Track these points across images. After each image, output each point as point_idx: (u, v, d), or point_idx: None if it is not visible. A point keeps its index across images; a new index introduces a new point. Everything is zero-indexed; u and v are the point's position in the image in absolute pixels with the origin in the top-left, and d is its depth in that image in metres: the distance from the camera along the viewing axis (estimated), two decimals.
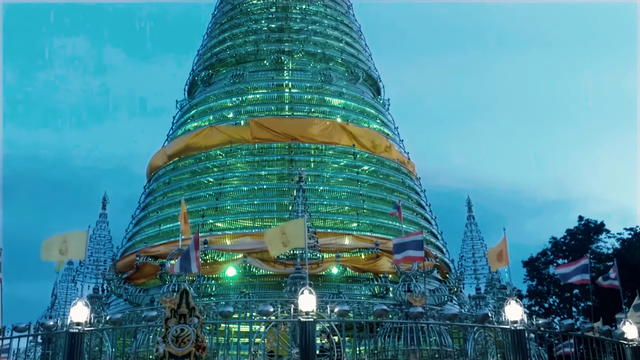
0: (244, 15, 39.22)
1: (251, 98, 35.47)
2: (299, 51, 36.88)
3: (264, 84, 35.83)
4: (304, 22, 38.25)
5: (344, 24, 40.20)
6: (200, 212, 30.69)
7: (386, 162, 34.72)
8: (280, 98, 35.21)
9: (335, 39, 38.65)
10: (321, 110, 35.03)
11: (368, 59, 40.45)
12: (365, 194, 32.00)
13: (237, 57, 37.22)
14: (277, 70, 36.20)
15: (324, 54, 37.17)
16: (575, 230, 55.74)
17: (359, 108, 36.60)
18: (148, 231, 32.33)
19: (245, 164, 33.12)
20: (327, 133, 32.98)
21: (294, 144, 32.65)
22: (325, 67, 36.56)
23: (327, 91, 35.76)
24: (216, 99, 36.11)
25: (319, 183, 32.25)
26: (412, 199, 34.74)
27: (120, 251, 32.99)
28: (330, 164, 33.64)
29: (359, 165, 33.56)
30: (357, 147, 33.40)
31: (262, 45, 36.94)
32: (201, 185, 32.80)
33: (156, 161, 36.08)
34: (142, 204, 35.26)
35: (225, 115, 35.26)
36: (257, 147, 32.97)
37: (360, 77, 37.85)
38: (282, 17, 38.41)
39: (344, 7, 41.54)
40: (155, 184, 35.16)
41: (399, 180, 34.76)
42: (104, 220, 31.71)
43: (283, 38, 37.27)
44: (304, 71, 36.39)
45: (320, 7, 39.73)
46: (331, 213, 31.46)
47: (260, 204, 31.03)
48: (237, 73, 35.84)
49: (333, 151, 33.53)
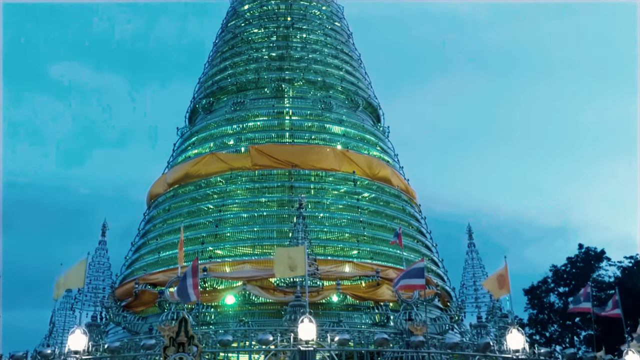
0: (245, 44, 39.70)
1: (252, 125, 35.69)
2: (299, 79, 37.23)
3: (264, 112, 36.08)
4: (305, 51, 38.70)
5: (344, 53, 40.68)
6: (200, 239, 30.60)
7: (386, 189, 34.75)
8: (281, 125, 35.42)
9: (335, 67, 39.06)
10: (321, 138, 35.22)
11: (368, 87, 40.83)
12: (366, 221, 31.95)
13: (238, 85, 37.58)
14: (277, 97, 36.49)
15: (324, 82, 37.52)
16: (576, 258, 55.43)
17: (359, 135, 36.80)
18: (147, 258, 32.19)
19: (245, 191, 33.14)
20: (327, 160, 33.10)
21: (294, 170, 32.74)
22: (326, 95, 36.87)
23: (327, 118, 36.01)
24: (217, 126, 36.33)
25: (319, 210, 32.25)
26: (413, 226, 34.68)
27: (119, 278, 32.79)
28: (331, 190, 33.68)
29: (359, 192, 33.59)
30: (357, 174, 33.47)
31: (263, 74, 37.31)
32: (201, 212, 32.77)
33: (156, 188, 36.11)
34: (142, 231, 35.18)
35: (226, 142, 35.43)
36: (257, 174, 33.05)
37: (360, 105, 38.15)
38: (282, 45, 38.88)
39: (344, 37, 42.09)
40: (155, 211, 35.12)
41: (400, 207, 34.74)
42: (103, 247, 31.59)
43: (284, 66, 37.67)
44: (304, 99, 36.69)
45: (321, 37, 40.25)
46: (331, 240, 31.36)
47: (260, 230, 30.96)
48: (238, 100, 36.13)
49: (333, 178, 33.60)
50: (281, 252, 22.97)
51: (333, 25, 41.88)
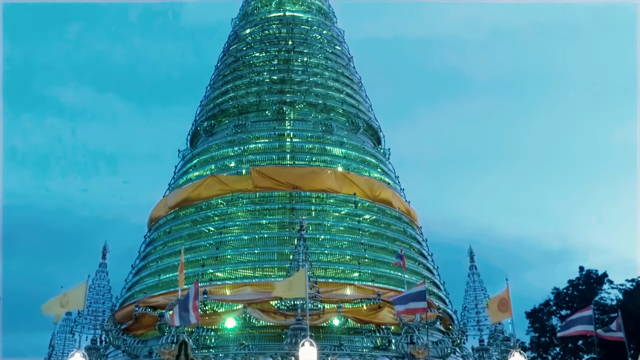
0: (247, 67, 40.07)
1: (253, 147, 35.83)
2: (300, 102, 37.49)
3: (265, 134, 36.27)
4: (306, 74, 39.03)
5: (344, 76, 41.02)
6: (200, 261, 30.51)
7: (387, 210, 34.75)
8: (282, 147, 35.57)
9: (336, 90, 39.35)
10: (322, 160, 35.33)
11: (368, 109, 41.08)
12: (367, 243, 31.90)
13: (240, 108, 37.82)
14: (278, 120, 36.71)
15: (325, 104, 37.77)
16: (577, 281, 55.13)
17: (360, 157, 36.93)
18: (147, 281, 32.06)
19: (246, 213, 33.14)
20: (328, 182, 33.15)
21: (295, 192, 32.77)
22: (326, 117, 37.10)
23: (328, 141, 36.16)
24: (218, 148, 36.48)
25: (320, 232, 32.20)
26: (414, 248, 34.60)
27: (119, 301, 32.62)
28: (332, 212, 33.67)
29: (360, 213, 33.58)
30: (358, 195, 33.51)
31: (264, 96, 37.58)
32: (202, 234, 32.74)
33: (157, 211, 36.11)
34: (142, 254, 35.10)
35: (227, 164, 35.54)
36: (258, 196, 33.08)
37: (360, 127, 38.35)
38: (284, 69, 39.23)
39: (344, 60, 42.48)
40: (155, 234, 35.09)
41: (401, 230, 34.70)
42: (103, 270, 31.46)
43: (285, 89, 37.96)
44: (305, 121, 36.90)
45: (322, 60, 40.63)
46: (332, 262, 31.29)
47: (261, 253, 30.90)
48: (239, 123, 36.34)
49: (334, 200, 33.62)
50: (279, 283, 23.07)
51: (334, 49, 42.30)
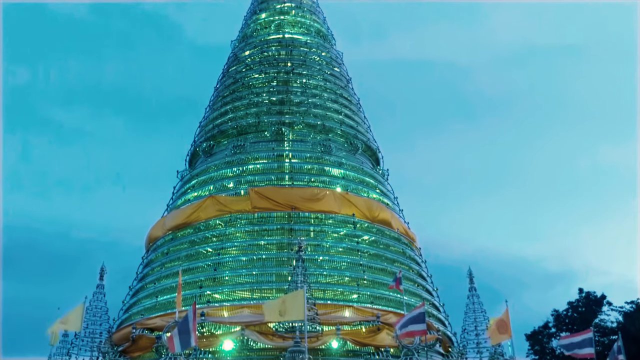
0: (246, 88, 40.30)
1: (252, 168, 35.87)
2: (299, 123, 37.65)
3: (264, 154, 36.34)
4: (304, 95, 39.24)
5: (343, 97, 41.25)
6: (198, 282, 30.33)
7: (386, 231, 34.67)
8: (281, 168, 35.62)
9: (334, 111, 39.54)
10: (321, 180, 35.36)
11: (367, 130, 41.23)
12: (366, 264, 31.76)
13: (239, 129, 37.94)
14: (277, 141, 36.81)
15: (323, 125, 37.92)
16: (577, 302, 54.84)
17: (359, 178, 36.96)
18: (145, 302, 31.82)
19: (244, 234, 33.04)
20: (327, 202, 33.11)
21: (293, 213, 32.73)
22: (325, 138, 37.21)
23: (326, 161, 36.23)
24: (217, 169, 36.52)
25: (319, 253, 32.09)
26: (413, 269, 34.45)
27: (116, 323, 32.35)
28: (330, 233, 33.57)
29: (359, 234, 33.50)
30: (357, 216, 33.45)
31: (263, 117, 37.73)
32: (200, 255, 32.59)
33: (155, 232, 35.99)
34: (140, 275, 34.90)
35: (226, 185, 35.54)
36: (256, 217, 33.02)
37: (359, 148, 38.45)
38: (283, 90, 39.45)
39: (343, 81, 42.75)
40: (153, 255, 34.93)
41: (400, 251, 34.59)
42: (100, 291, 31.29)
43: (284, 110, 38.14)
44: (304, 142, 37.01)
45: (320, 81, 40.89)
46: (331, 284, 31.10)
47: (259, 274, 30.71)
48: (238, 144, 36.43)
49: (333, 220, 33.56)
50: (269, 303, 22.90)
51: (332, 70, 42.61)
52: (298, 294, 22.33)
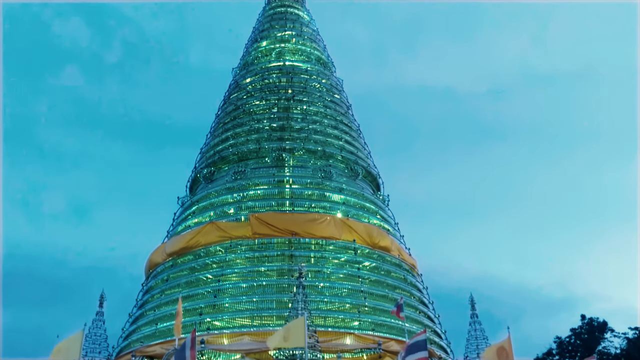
0: (247, 115, 40.55)
1: (252, 194, 35.89)
2: (299, 149, 37.79)
3: (265, 180, 36.40)
4: (305, 122, 39.47)
5: (343, 124, 41.48)
6: (198, 310, 30.11)
7: (387, 257, 34.53)
8: (281, 194, 35.65)
9: (335, 137, 39.72)
10: (321, 206, 35.36)
11: (367, 156, 41.36)
12: (367, 290, 31.56)
13: (239, 155, 38.07)
14: (278, 167, 36.91)
15: (324, 151, 38.06)
16: (580, 329, 54.30)
17: (359, 204, 36.95)
18: (144, 330, 31.54)
19: (244, 260, 32.91)
20: (327, 228, 33.04)
21: (294, 239, 32.66)
22: (326, 164, 37.31)
23: (327, 187, 36.28)
24: (217, 195, 36.54)
25: (320, 279, 31.91)
26: (415, 296, 34.21)
27: (115, 350, 32.03)
28: (331, 259, 33.44)
29: (359, 261, 33.37)
30: (357, 242, 33.37)
31: (263, 143, 37.89)
32: (200, 282, 32.42)
33: (155, 257, 35.86)
34: (140, 302, 34.65)
35: (226, 211, 35.52)
36: (257, 243, 32.94)
37: (359, 174, 38.53)
38: (283, 117, 39.69)
39: (343, 108, 43.04)
40: (153, 281, 34.74)
41: (401, 277, 34.40)
42: (100, 318, 31.08)
43: (284, 136, 38.32)
44: (304, 168, 37.10)
45: (321, 108, 41.16)
46: (332, 311, 30.87)
47: (260, 301, 30.53)
48: (239, 170, 36.52)
49: (334, 246, 33.47)
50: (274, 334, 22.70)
51: (333, 97, 42.92)
52: (299, 322, 22.10)
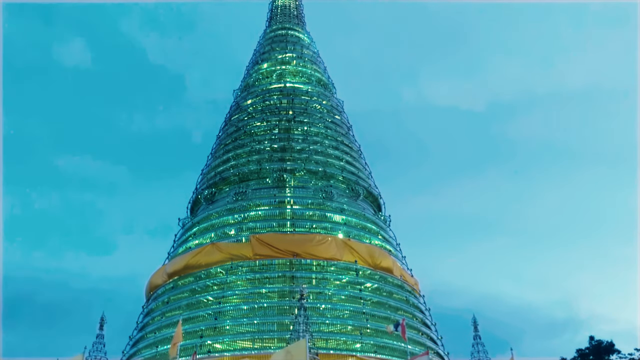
0: (248, 136, 40.70)
1: (253, 215, 35.83)
2: (300, 169, 37.83)
3: (266, 201, 36.35)
4: (306, 142, 39.57)
5: (344, 144, 41.58)
6: (199, 332, 29.87)
7: (389, 279, 34.33)
8: (282, 214, 35.57)
9: (335, 157, 39.80)
10: (323, 226, 35.26)
11: (368, 176, 41.38)
12: (369, 312, 31.31)
13: (240, 176, 38.12)
14: (279, 187, 36.90)
15: (325, 171, 38.09)
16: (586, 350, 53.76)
17: (360, 224, 36.85)
18: (145, 353, 31.27)
19: (245, 282, 32.76)
20: (328, 249, 32.91)
21: (295, 260, 32.51)
22: (327, 185, 37.32)
23: (328, 207, 36.21)
24: (218, 216, 36.49)
25: (321, 301, 31.69)
26: (417, 317, 33.93)
27: None
28: (333, 280, 33.26)
29: (361, 282, 33.16)
30: (359, 263, 33.21)
31: (264, 164, 37.95)
32: (200, 304, 32.21)
33: (156, 279, 35.71)
34: (140, 324, 34.41)
35: (227, 232, 35.45)
36: (258, 264, 32.80)
37: (360, 194, 38.50)
38: (284, 137, 39.82)
39: (344, 129, 43.19)
40: (154, 304, 34.54)
41: (403, 298, 34.16)
42: (100, 341, 30.83)
43: (285, 157, 38.40)
44: (305, 188, 37.08)
45: (321, 129, 41.31)
46: (334, 333, 30.58)
47: (261, 323, 30.28)
48: (240, 191, 36.53)
49: (335, 267, 33.30)
50: (276, 355, 22.45)
51: (333, 118, 43.10)
52: (300, 344, 21.91)
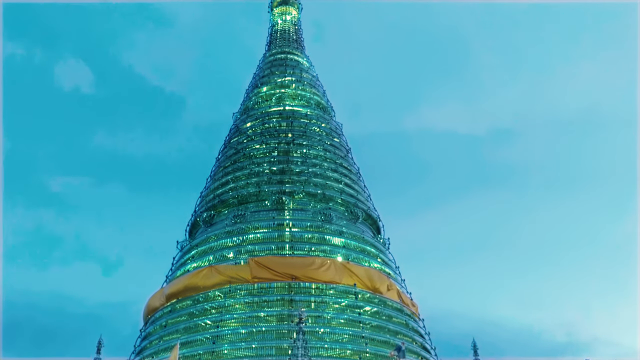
0: (247, 158, 40.72)
1: (252, 237, 35.69)
2: (299, 192, 37.78)
3: (265, 224, 36.25)
4: (305, 165, 39.60)
5: (343, 167, 41.60)
6: (197, 356, 29.59)
7: (388, 302, 34.05)
8: (281, 237, 35.43)
9: (334, 180, 39.78)
10: (322, 249, 35.09)
11: (367, 199, 41.30)
12: (368, 336, 31.00)
13: (239, 198, 38.06)
14: (278, 210, 36.82)
15: (324, 194, 38.04)
16: None
17: (360, 247, 36.68)
18: None
19: (244, 305, 32.48)
20: (327, 272, 32.70)
21: (294, 283, 32.29)
22: (326, 207, 37.25)
23: (327, 230, 36.07)
24: (217, 239, 36.33)
25: (320, 325, 31.40)
26: (417, 342, 33.57)
27: None
28: (332, 304, 32.99)
29: (360, 305, 32.89)
30: (358, 286, 32.96)
31: (263, 187, 37.92)
32: (198, 328, 31.91)
33: (153, 302, 35.40)
34: (137, 348, 34.03)
35: (226, 255, 35.26)
36: (256, 287, 32.55)
37: (360, 217, 38.39)
38: (283, 160, 39.87)
39: (342, 151, 43.25)
40: (151, 327, 34.18)
41: (402, 322, 33.84)
42: None
43: (284, 179, 38.38)
44: (304, 211, 37.00)
45: (320, 151, 41.37)
46: (333, 357, 30.22)
47: (259, 347, 29.98)
48: (239, 213, 36.44)
49: (334, 291, 33.05)
50: None
51: (332, 141, 43.20)
52: None
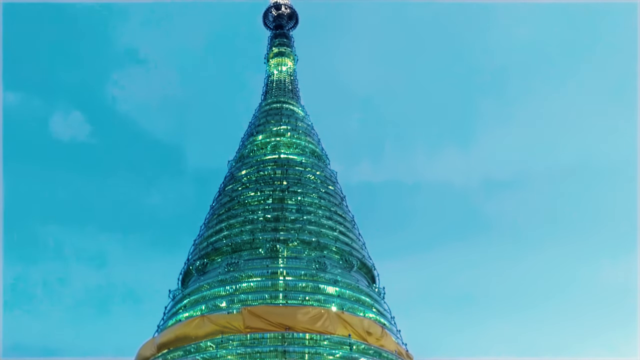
0: (242, 206, 40.62)
1: (245, 286, 35.22)
2: (294, 239, 37.54)
3: (258, 272, 35.85)
4: (299, 213, 39.48)
5: (337, 214, 41.49)
6: None
7: (384, 353, 33.35)
8: (275, 286, 34.97)
9: (329, 228, 39.59)
10: (316, 299, 34.58)
11: (362, 247, 41.02)
12: None
13: (233, 246, 37.75)
14: (272, 258, 36.49)
15: (318, 242, 37.79)
16: None
17: (354, 296, 36.17)
18: None
19: (236, 356, 31.71)
20: (322, 322, 32.10)
21: (287, 333, 31.65)
22: (320, 255, 36.94)
23: (321, 279, 35.66)
24: (210, 288, 35.82)
25: None
26: None
27: None
28: (326, 355, 32.24)
29: (355, 357, 32.16)
30: (353, 337, 32.33)
31: (258, 234, 37.69)
32: None
33: (144, 352, 34.57)
34: None
35: (218, 304, 34.69)
36: (249, 338, 31.91)
37: (354, 265, 38.04)
38: (278, 207, 39.77)
39: (337, 199, 43.24)
40: None
41: None
42: None
43: (279, 227, 38.19)
44: (298, 259, 36.68)
45: (315, 199, 41.35)
46: None
47: None
48: (232, 261, 36.08)
49: (328, 342, 32.38)
50: None
51: (327, 188, 43.25)
52: None
